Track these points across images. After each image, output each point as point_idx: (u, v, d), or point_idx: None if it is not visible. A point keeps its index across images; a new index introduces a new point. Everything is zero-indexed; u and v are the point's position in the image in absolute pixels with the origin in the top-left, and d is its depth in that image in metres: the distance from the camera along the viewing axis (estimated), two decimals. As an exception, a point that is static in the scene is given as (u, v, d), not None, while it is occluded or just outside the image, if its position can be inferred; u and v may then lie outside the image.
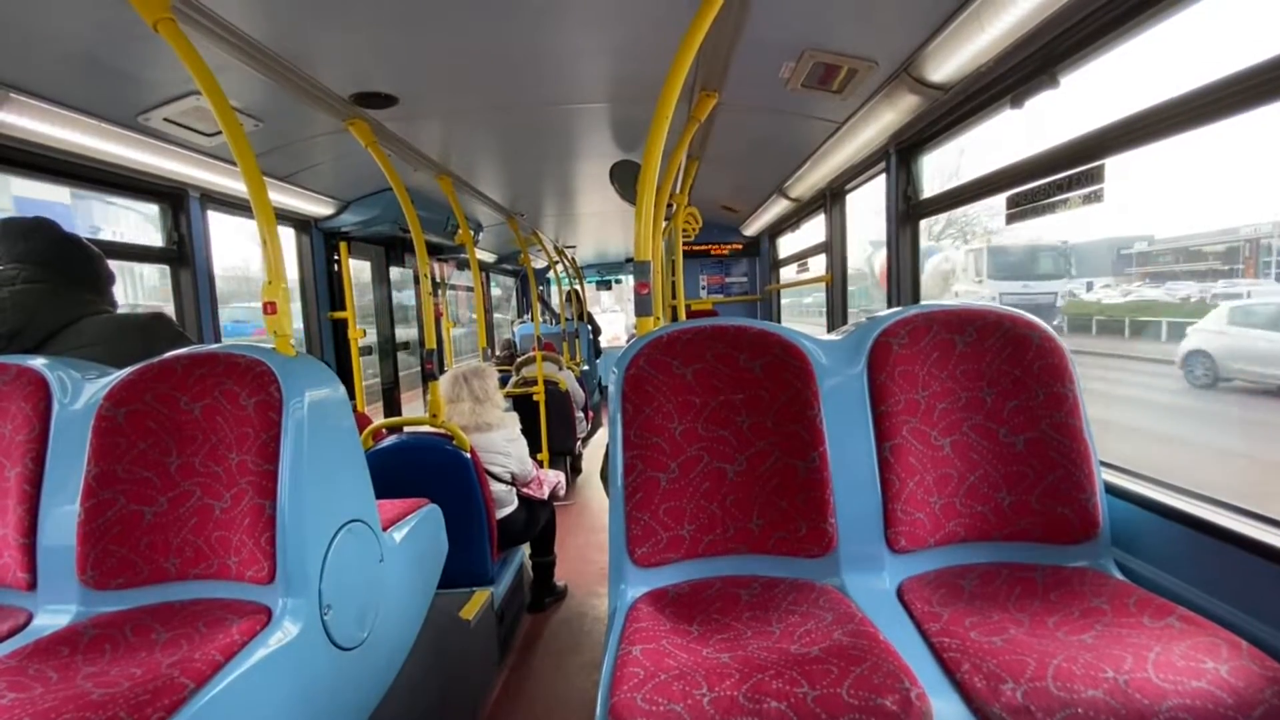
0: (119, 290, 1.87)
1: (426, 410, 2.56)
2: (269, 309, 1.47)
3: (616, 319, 12.37)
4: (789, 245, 5.10)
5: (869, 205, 2.79)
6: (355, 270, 4.14)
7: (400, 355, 4.76)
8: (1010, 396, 1.41)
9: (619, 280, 9.85)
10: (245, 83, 1.92)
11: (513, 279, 8.89)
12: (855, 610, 1.18)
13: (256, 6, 1.59)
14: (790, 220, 4.55)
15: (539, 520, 2.87)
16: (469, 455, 2.34)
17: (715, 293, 6.27)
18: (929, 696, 0.93)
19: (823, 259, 3.79)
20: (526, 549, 3.08)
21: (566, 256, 6.95)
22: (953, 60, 1.71)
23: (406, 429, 2.84)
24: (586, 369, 6.88)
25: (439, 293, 5.47)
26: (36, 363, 1.46)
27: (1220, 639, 1.00)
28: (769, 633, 1.15)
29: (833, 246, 3.64)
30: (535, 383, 4.28)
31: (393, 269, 4.58)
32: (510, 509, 2.65)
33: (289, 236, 3.50)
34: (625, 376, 1.44)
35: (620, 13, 1.75)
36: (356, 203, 3.51)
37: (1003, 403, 1.41)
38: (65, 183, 2.18)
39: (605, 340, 9.07)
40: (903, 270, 2.60)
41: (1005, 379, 1.42)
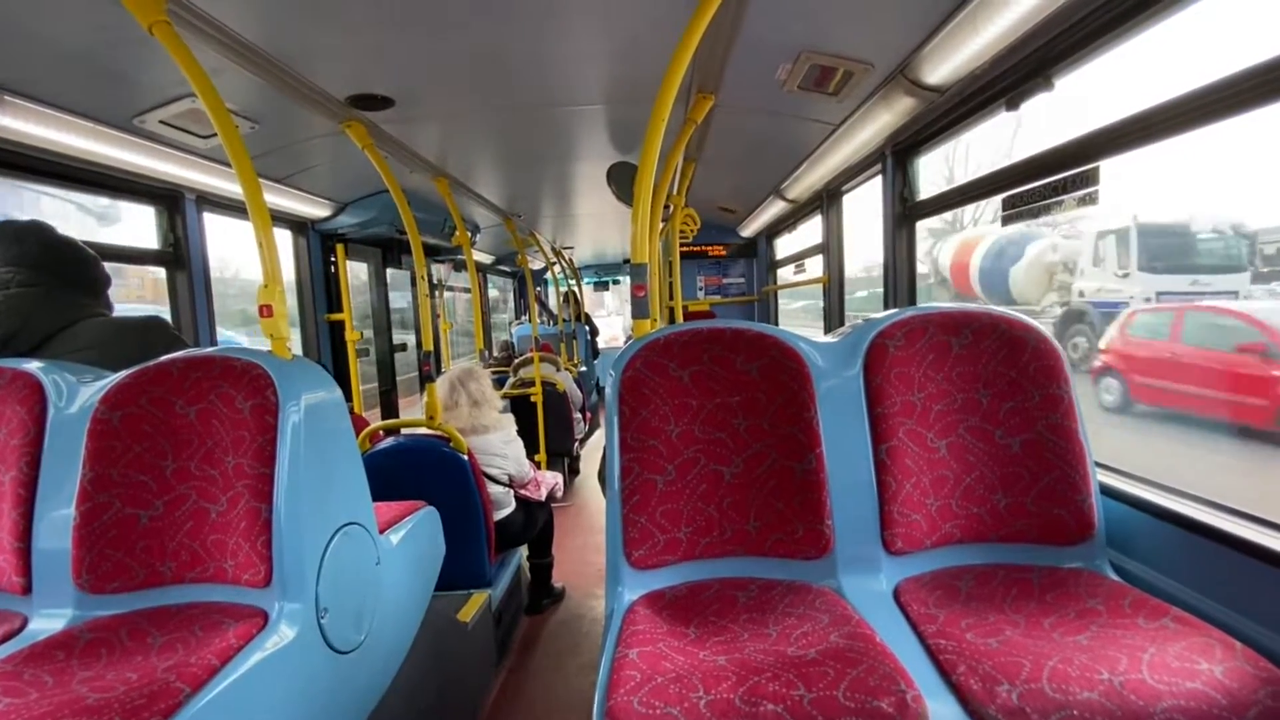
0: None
1: (423, 413, 2.56)
2: (265, 312, 1.46)
3: (616, 324, 12.17)
4: (786, 246, 5.10)
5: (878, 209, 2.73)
6: (352, 272, 4.13)
7: (397, 357, 4.74)
8: (1006, 398, 1.42)
9: (617, 281, 9.82)
10: (241, 85, 1.91)
11: (510, 280, 8.88)
12: (852, 612, 1.18)
13: (252, 9, 1.58)
14: (787, 221, 4.56)
15: (537, 522, 2.87)
16: (466, 457, 2.34)
17: (713, 294, 6.27)
18: (925, 698, 0.94)
19: (820, 260, 3.80)
20: (524, 551, 3.07)
21: (564, 258, 6.95)
22: (948, 63, 1.72)
23: (404, 431, 2.84)
24: (584, 370, 6.88)
25: (436, 294, 5.46)
26: (31, 366, 1.46)
27: (1215, 640, 1.00)
28: (766, 635, 1.15)
29: (829, 248, 3.64)
30: (533, 384, 4.28)
31: (390, 270, 4.57)
32: (508, 511, 2.64)
33: (285, 239, 3.50)
34: (622, 379, 1.44)
35: (616, 14, 1.75)
36: (353, 204, 3.50)
37: (999, 404, 1.42)
38: (60, 185, 2.17)
39: (603, 341, 9.06)
40: (899, 271, 2.60)
41: (1001, 381, 1.42)
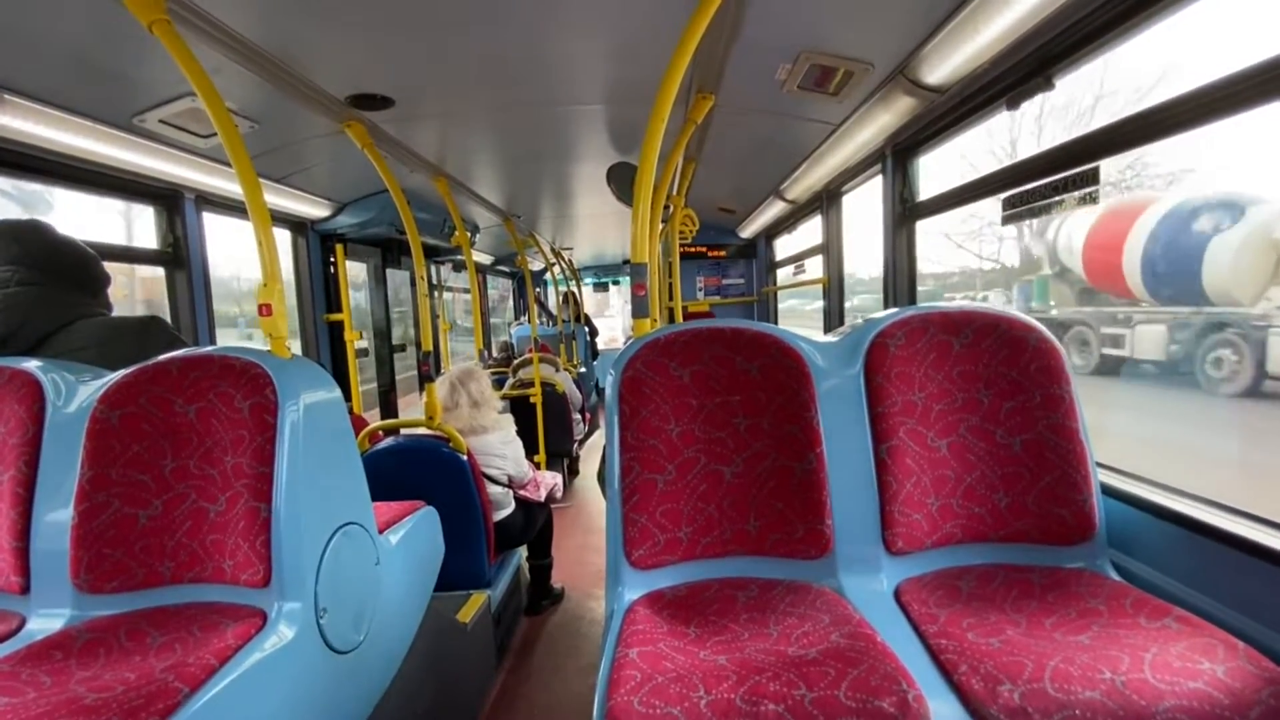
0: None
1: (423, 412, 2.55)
2: (264, 311, 1.46)
3: (618, 324, 12.04)
4: (786, 247, 5.10)
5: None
6: (351, 272, 4.12)
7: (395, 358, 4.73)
8: (1007, 398, 1.41)
9: (616, 282, 9.80)
10: (241, 84, 1.91)
11: (510, 280, 8.88)
12: (852, 612, 1.18)
13: (252, 8, 1.58)
14: (787, 222, 4.56)
15: (536, 522, 2.86)
16: (466, 458, 2.34)
17: (712, 294, 6.27)
18: (926, 698, 0.93)
19: (820, 261, 3.80)
20: (524, 551, 3.07)
21: (563, 258, 6.95)
22: (948, 63, 1.72)
23: (403, 431, 2.84)
24: (584, 371, 6.87)
25: (435, 294, 5.46)
26: (30, 365, 1.45)
27: (1217, 640, 1.00)
28: (766, 635, 1.14)
29: (829, 248, 3.64)
30: (532, 385, 4.28)
31: (389, 270, 4.56)
32: (507, 511, 2.64)
33: (285, 239, 3.49)
34: (622, 378, 1.43)
35: (616, 14, 1.75)
36: (353, 204, 3.50)
37: (999, 404, 1.41)
38: (59, 184, 2.17)
39: (603, 342, 9.05)
40: (899, 271, 2.60)
41: (1002, 380, 1.42)
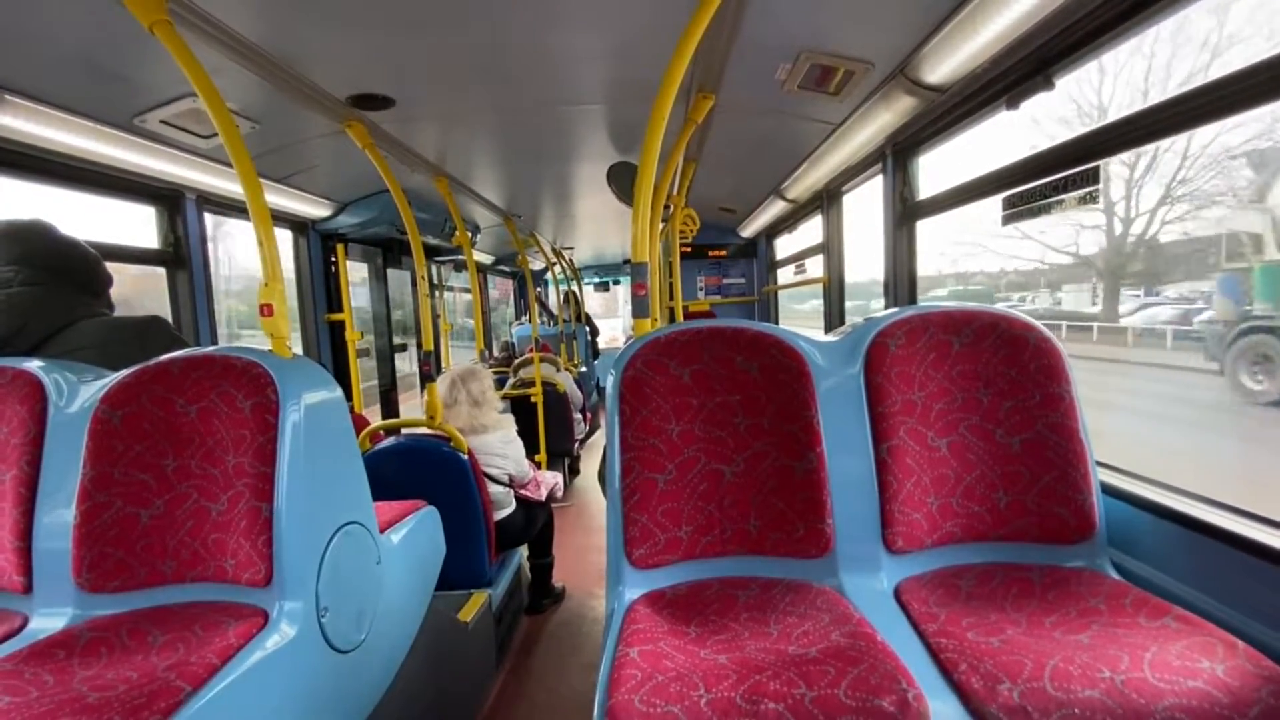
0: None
1: (424, 412, 2.56)
2: (265, 311, 1.47)
3: (618, 324, 12.00)
4: (786, 247, 5.10)
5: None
6: (352, 272, 4.12)
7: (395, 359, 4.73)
8: (1007, 397, 1.41)
9: (617, 281, 9.79)
10: (242, 85, 1.91)
11: (510, 280, 8.88)
12: (853, 611, 1.18)
13: (253, 8, 1.58)
14: (787, 221, 4.55)
15: (537, 522, 2.87)
16: (467, 457, 2.34)
17: (713, 294, 6.26)
18: (926, 697, 0.93)
19: (820, 260, 3.80)
20: (524, 551, 3.08)
21: (564, 258, 6.95)
22: (948, 62, 1.72)
23: (404, 431, 2.84)
24: (584, 370, 6.88)
25: (436, 294, 5.46)
26: (32, 365, 1.46)
27: (1216, 639, 1.00)
28: (767, 634, 1.15)
29: (830, 248, 3.64)
30: (533, 384, 4.28)
31: (390, 270, 4.56)
32: (508, 511, 2.64)
33: (286, 238, 3.49)
34: (623, 378, 1.43)
35: (617, 14, 1.75)
36: (354, 204, 3.50)
37: (999, 403, 1.42)
38: (60, 185, 2.17)
39: (603, 342, 9.06)
40: (900, 271, 2.60)
41: (1002, 379, 1.42)
